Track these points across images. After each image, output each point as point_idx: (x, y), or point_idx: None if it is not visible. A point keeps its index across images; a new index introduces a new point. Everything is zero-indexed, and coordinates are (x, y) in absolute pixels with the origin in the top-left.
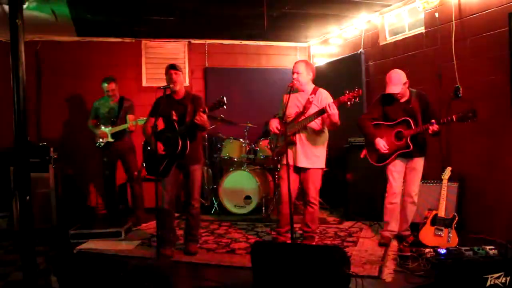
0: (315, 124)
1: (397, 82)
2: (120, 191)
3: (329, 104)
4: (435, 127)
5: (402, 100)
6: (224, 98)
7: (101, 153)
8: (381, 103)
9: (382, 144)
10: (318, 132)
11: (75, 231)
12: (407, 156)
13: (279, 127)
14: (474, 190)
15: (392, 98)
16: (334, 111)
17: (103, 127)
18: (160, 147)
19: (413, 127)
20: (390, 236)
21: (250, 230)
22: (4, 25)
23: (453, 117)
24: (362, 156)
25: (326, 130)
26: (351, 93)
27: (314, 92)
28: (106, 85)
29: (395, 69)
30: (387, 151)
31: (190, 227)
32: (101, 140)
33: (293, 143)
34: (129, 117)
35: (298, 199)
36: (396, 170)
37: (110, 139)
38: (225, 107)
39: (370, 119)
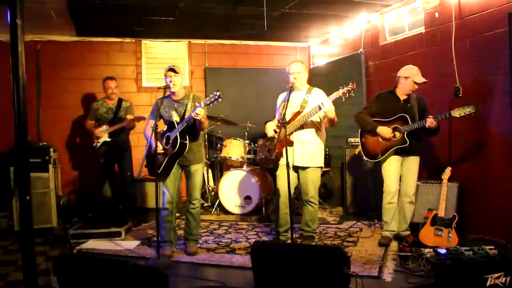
0: (312, 122)
1: (420, 74)
2: (119, 191)
3: (324, 101)
4: (430, 120)
5: (402, 99)
6: (219, 92)
7: (98, 153)
8: (380, 100)
9: (385, 130)
10: (315, 131)
11: (75, 231)
12: (403, 153)
13: (276, 130)
14: (474, 190)
15: (392, 96)
16: (329, 107)
17: (100, 128)
18: (159, 146)
19: (410, 122)
20: (390, 236)
21: (250, 230)
22: (4, 25)
23: (450, 112)
24: (356, 152)
25: (323, 129)
26: (345, 88)
27: (309, 91)
28: (107, 83)
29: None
30: (392, 135)
31: (190, 227)
32: (98, 140)
33: (290, 143)
34: (128, 117)
35: (297, 199)
36: (392, 169)
37: (107, 139)
38: (220, 100)
39: (368, 114)
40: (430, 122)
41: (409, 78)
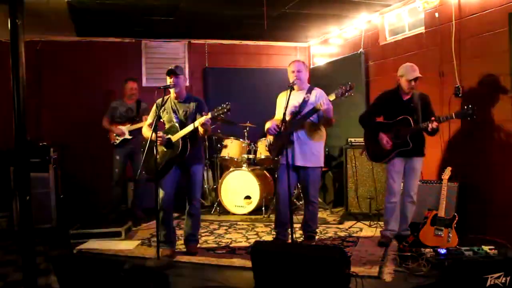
0: (312, 122)
1: (417, 69)
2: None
3: (322, 101)
4: (434, 124)
5: (405, 99)
6: (229, 105)
7: (114, 151)
8: (383, 101)
9: (385, 139)
10: (315, 131)
11: (75, 231)
12: (406, 155)
13: (276, 129)
14: (474, 190)
15: (395, 96)
16: (327, 107)
17: (120, 126)
18: (160, 133)
19: (412, 125)
20: (390, 235)
21: (250, 230)
22: (4, 25)
23: (452, 114)
24: (361, 154)
25: (323, 129)
26: (343, 87)
27: (309, 91)
28: (129, 84)
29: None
30: (390, 147)
31: (190, 227)
32: (118, 137)
33: (290, 143)
34: (145, 117)
35: (297, 199)
36: (395, 169)
37: (128, 136)
38: (229, 113)
39: (371, 116)
40: (431, 127)
41: (403, 76)
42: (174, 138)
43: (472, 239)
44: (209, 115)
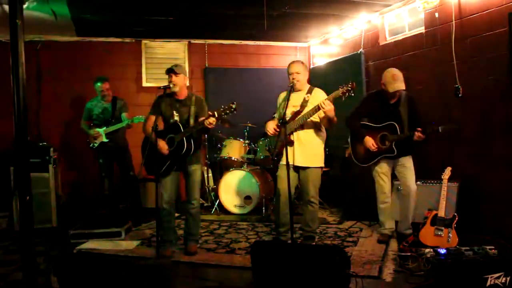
0: (312, 122)
1: (402, 79)
2: (120, 191)
3: (323, 101)
4: (420, 136)
5: (392, 102)
6: (235, 104)
7: (96, 154)
8: (369, 103)
9: (371, 143)
10: (315, 131)
11: (75, 231)
12: (393, 157)
13: (276, 129)
14: (474, 190)
15: (381, 98)
16: (329, 107)
17: (97, 128)
18: (164, 146)
19: (398, 132)
20: (389, 233)
21: (250, 230)
22: (4, 25)
23: (439, 127)
24: (346, 155)
25: (324, 129)
26: (344, 87)
27: (309, 91)
28: (100, 84)
29: (393, 68)
30: (376, 149)
31: (190, 227)
32: (95, 141)
33: (290, 143)
34: (125, 115)
35: (297, 199)
36: (382, 171)
37: (105, 140)
38: (235, 113)
39: (358, 118)
40: (417, 136)
41: (385, 85)
42: (178, 137)
43: (472, 239)
44: (216, 115)
